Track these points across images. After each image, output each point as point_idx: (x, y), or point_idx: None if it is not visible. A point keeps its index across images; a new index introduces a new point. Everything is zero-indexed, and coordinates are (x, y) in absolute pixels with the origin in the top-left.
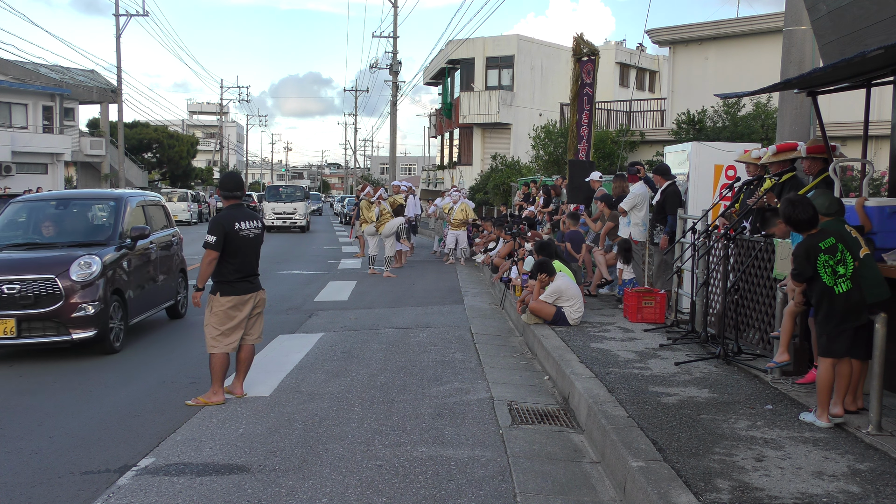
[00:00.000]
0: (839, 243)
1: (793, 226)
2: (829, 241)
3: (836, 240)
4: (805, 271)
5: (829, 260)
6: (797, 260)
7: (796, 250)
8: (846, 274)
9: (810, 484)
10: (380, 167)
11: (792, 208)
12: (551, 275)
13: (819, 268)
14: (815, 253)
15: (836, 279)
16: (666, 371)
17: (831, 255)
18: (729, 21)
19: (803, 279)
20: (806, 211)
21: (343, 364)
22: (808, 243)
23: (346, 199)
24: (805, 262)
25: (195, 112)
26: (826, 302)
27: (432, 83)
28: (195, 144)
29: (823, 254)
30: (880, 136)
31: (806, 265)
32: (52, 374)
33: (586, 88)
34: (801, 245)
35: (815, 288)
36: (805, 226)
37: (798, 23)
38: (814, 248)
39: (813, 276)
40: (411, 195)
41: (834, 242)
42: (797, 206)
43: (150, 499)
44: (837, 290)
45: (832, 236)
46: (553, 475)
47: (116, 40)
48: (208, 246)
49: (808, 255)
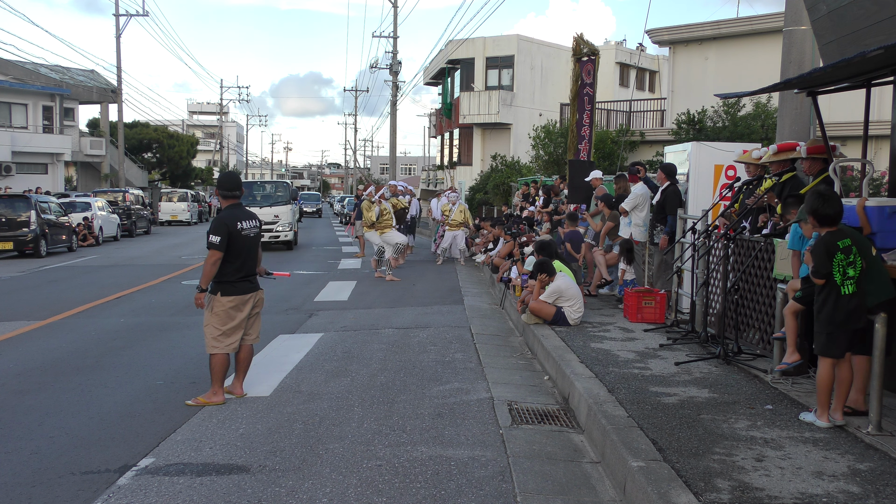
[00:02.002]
0: (854, 245)
1: (818, 219)
2: (845, 242)
3: (851, 241)
4: (825, 267)
5: (843, 260)
6: (818, 256)
7: (816, 247)
8: (854, 276)
9: (810, 484)
10: (380, 167)
11: (822, 202)
12: (551, 275)
13: (834, 266)
14: (834, 251)
15: (844, 280)
16: (666, 371)
17: (846, 255)
18: (729, 21)
19: (822, 275)
20: (834, 206)
21: (343, 364)
22: (828, 240)
23: (345, 199)
24: (826, 258)
25: (195, 112)
26: (831, 301)
27: (432, 83)
28: (195, 144)
29: (840, 252)
30: (880, 136)
31: (826, 261)
32: (52, 374)
33: (587, 88)
34: (821, 241)
35: (823, 286)
36: (830, 221)
37: (798, 23)
38: (833, 246)
39: (828, 274)
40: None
41: (850, 244)
42: (827, 200)
43: (150, 499)
44: (844, 290)
45: (849, 237)
46: (553, 475)
47: (116, 40)
48: (213, 246)
49: (829, 251)
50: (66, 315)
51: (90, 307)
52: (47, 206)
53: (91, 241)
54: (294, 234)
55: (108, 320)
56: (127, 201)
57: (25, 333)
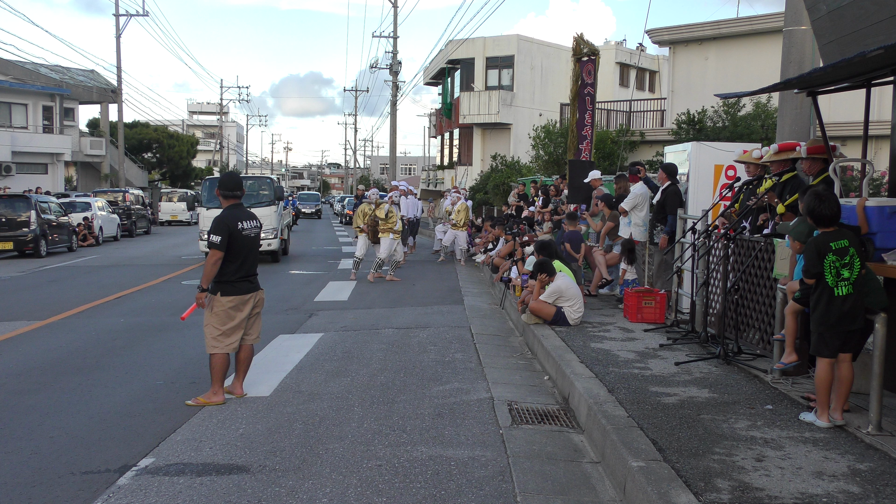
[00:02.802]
0: (851, 247)
1: (814, 219)
2: (841, 243)
3: (849, 242)
4: (814, 267)
5: (836, 261)
6: (807, 255)
7: (807, 246)
8: (850, 278)
9: (810, 484)
10: (380, 167)
11: (818, 202)
12: (551, 275)
13: (825, 267)
14: (825, 251)
15: (838, 281)
16: (666, 371)
17: (840, 256)
18: (729, 21)
19: (811, 275)
20: (831, 207)
21: (343, 364)
22: (820, 240)
23: (346, 198)
24: (816, 258)
25: (195, 112)
26: (824, 302)
27: (432, 83)
28: (195, 144)
29: (833, 254)
30: (880, 136)
31: (816, 261)
32: (52, 374)
33: (587, 88)
34: (813, 241)
35: (815, 287)
36: (826, 221)
37: (798, 23)
38: (825, 246)
39: (818, 274)
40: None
41: (846, 245)
42: (824, 202)
43: (150, 499)
44: (837, 292)
45: (846, 238)
46: (553, 475)
47: (116, 40)
48: (213, 246)
49: (819, 251)
50: (66, 315)
51: (90, 307)
52: (47, 206)
53: (91, 241)
54: (282, 241)
55: (108, 320)
56: (127, 201)
57: (25, 333)
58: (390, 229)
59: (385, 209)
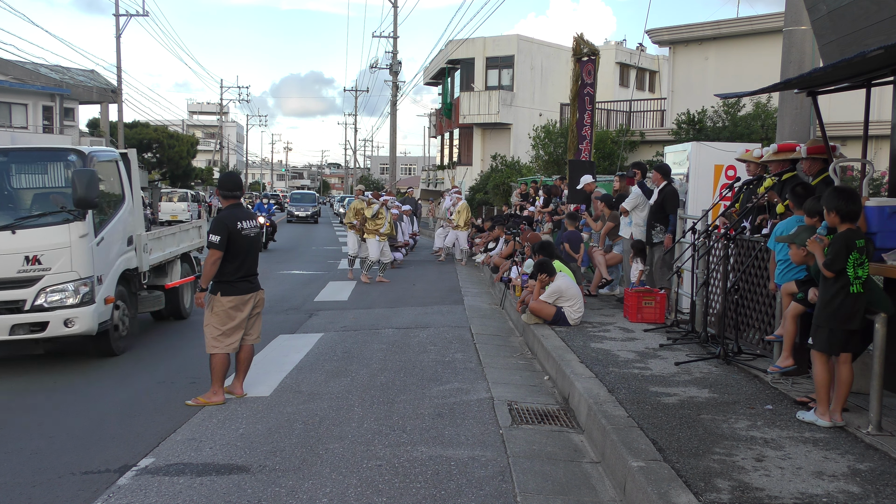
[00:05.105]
0: (866, 247)
1: (842, 216)
2: (861, 241)
3: (864, 242)
4: (840, 262)
5: (857, 259)
6: (836, 250)
7: (835, 240)
8: (863, 277)
9: (810, 484)
10: (380, 167)
11: (846, 198)
12: (551, 275)
13: (849, 263)
14: (852, 247)
15: (854, 279)
16: (666, 371)
17: (860, 255)
18: (729, 21)
19: (835, 269)
20: (857, 203)
21: (343, 364)
22: (847, 235)
23: (346, 199)
24: (844, 252)
25: (195, 112)
26: (841, 297)
27: (432, 83)
28: (195, 144)
29: (856, 251)
30: (880, 136)
31: (844, 256)
32: (52, 374)
33: (587, 88)
34: (841, 236)
35: (833, 282)
36: (853, 217)
37: (798, 23)
38: (852, 243)
39: (841, 269)
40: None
41: (864, 244)
42: (850, 197)
43: (150, 499)
44: (853, 289)
45: (863, 238)
46: (553, 475)
47: (116, 40)
48: (212, 245)
49: (848, 247)
50: None
51: None
52: None
53: None
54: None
55: None
56: None
57: None
58: (377, 231)
59: (374, 209)
